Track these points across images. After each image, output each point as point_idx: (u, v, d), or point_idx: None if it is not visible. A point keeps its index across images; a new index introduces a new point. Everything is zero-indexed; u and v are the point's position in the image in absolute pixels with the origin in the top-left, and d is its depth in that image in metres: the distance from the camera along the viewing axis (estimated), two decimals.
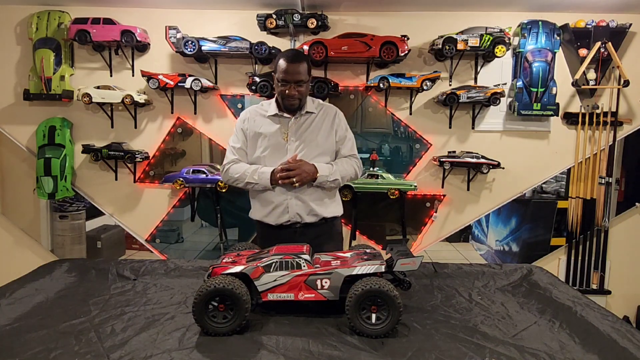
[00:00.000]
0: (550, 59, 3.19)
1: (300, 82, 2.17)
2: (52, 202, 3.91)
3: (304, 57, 2.24)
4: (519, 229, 4.48)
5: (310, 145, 2.25)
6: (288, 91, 2.16)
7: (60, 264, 2.15)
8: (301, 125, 2.27)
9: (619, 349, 1.37)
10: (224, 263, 1.61)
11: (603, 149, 3.41)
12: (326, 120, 2.31)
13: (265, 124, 2.28)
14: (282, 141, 2.24)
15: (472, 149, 3.33)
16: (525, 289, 1.94)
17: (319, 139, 2.27)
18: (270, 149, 2.24)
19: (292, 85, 2.16)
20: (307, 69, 2.21)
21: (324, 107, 2.36)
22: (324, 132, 2.29)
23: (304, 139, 2.25)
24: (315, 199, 2.24)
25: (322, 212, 2.26)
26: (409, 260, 1.57)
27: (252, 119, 2.31)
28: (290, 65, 2.14)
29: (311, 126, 2.28)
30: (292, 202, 2.21)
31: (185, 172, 3.28)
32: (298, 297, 1.53)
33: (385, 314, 1.44)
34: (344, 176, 2.27)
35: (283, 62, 2.15)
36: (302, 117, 2.28)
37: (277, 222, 2.24)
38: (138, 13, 3.31)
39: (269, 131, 2.26)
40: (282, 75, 2.16)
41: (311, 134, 2.27)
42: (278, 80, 2.19)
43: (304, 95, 2.23)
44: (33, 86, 3.30)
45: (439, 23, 3.25)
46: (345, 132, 2.36)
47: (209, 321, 1.45)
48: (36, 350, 1.37)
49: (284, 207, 2.22)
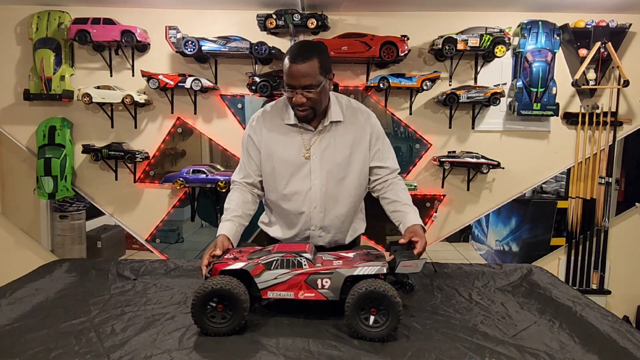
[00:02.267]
0: (550, 59, 3.19)
1: (310, 86, 1.67)
2: (52, 202, 3.91)
3: (314, 53, 1.69)
4: (519, 229, 4.49)
5: (342, 166, 1.83)
6: (294, 98, 1.70)
7: (60, 264, 2.15)
8: (325, 138, 1.82)
9: (619, 349, 1.37)
10: (225, 259, 1.61)
11: (603, 149, 3.41)
12: (357, 129, 1.85)
13: (282, 134, 1.83)
14: (303, 160, 1.81)
15: (472, 149, 3.34)
16: (525, 289, 1.93)
17: (353, 157, 1.84)
18: (290, 168, 1.82)
19: (299, 91, 1.69)
20: (319, 67, 1.67)
21: (352, 110, 1.88)
22: (357, 146, 1.84)
23: (330, 157, 1.81)
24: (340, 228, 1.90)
25: (345, 240, 1.95)
26: (411, 263, 1.55)
27: (264, 126, 1.86)
28: (295, 66, 1.66)
29: (339, 139, 1.83)
30: (316, 233, 1.88)
31: (185, 172, 3.28)
32: (298, 296, 1.53)
33: (384, 317, 1.42)
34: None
35: (286, 61, 1.68)
36: (327, 129, 1.82)
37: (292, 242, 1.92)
38: (138, 13, 3.31)
39: (287, 145, 1.82)
40: (286, 78, 1.70)
41: (340, 150, 1.82)
42: (284, 84, 1.74)
43: (317, 102, 1.72)
44: (33, 86, 3.29)
45: (439, 23, 3.25)
46: (384, 143, 1.90)
47: (208, 321, 1.45)
48: (36, 350, 1.36)
49: (304, 237, 1.90)
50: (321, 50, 1.75)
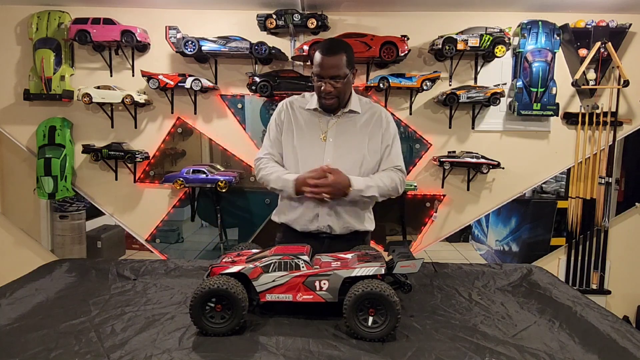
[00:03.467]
0: (550, 59, 3.19)
1: (337, 77, 1.94)
2: (52, 202, 3.92)
3: (342, 48, 1.98)
4: (519, 229, 4.49)
5: (351, 151, 2.03)
6: (323, 87, 1.94)
7: (60, 264, 2.15)
8: (343, 125, 2.05)
9: (618, 349, 1.37)
10: (223, 263, 1.61)
11: (603, 149, 3.40)
12: (373, 123, 2.07)
13: (304, 118, 2.08)
14: (321, 141, 2.03)
15: (472, 149, 3.33)
16: (525, 289, 1.94)
17: (362, 144, 2.04)
18: (306, 148, 2.04)
19: (328, 80, 1.94)
20: (345, 61, 1.95)
21: (372, 107, 2.12)
22: (368, 137, 2.06)
23: (344, 142, 2.03)
24: (351, 212, 2.04)
25: (356, 226, 2.07)
26: (409, 263, 1.56)
27: (290, 111, 2.10)
28: (325, 58, 1.92)
29: (354, 128, 2.05)
30: (324, 211, 2.02)
31: (185, 172, 3.28)
32: (296, 298, 1.53)
33: (382, 318, 1.42)
34: (382, 193, 2.02)
35: (318, 54, 1.94)
36: (344, 116, 2.06)
37: (305, 228, 2.07)
38: (138, 13, 3.31)
39: (307, 127, 2.06)
40: (317, 69, 1.95)
41: (354, 137, 2.04)
42: (313, 74, 1.98)
43: (342, 92, 1.99)
44: (33, 86, 3.30)
45: (439, 23, 3.25)
46: (393, 139, 2.10)
47: (207, 322, 1.45)
48: (36, 350, 1.37)
49: (314, 214, 2.03)
50: (348, 47, 2.04)
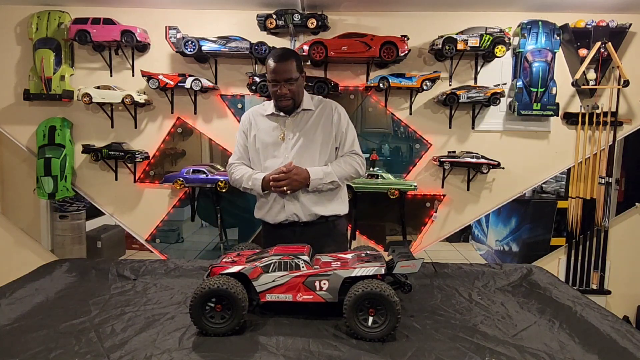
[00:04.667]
0: (550, 59, 3.19)
1: (290, 80, 2.15)
2: (52, 202, 3.92)
3: (292, 55, 2.21)
4: (519, 229, 4.49)
5: (308, 145, 2.23)
6: (279, 90, 2.15)
7: (60, 264, 2.15)
8: (298, 123, 2.26)
9: (619, 349, 1.37)
10: (223, 263, 1.61)
11: (603, 149, 3.40)
12: (325, 117, 2.29)
13: (264, 123, 2.29)
14: (280, 141, 2.24)
15: (472, 149, 3.33)
16: (525, 289, 1.94)
17: (317, 137, 2.25)
18: (268, 149, 2.26)
19: (282, 84, 2.15)
20: (296, 66, 2.18)
21: (323, 102, 2.34)
22: (322, 129, 2.26)
23: (301, 138, 2.24)
24: (311, 199, 2.23)
25: (320, 211, 2.24)
26: (409, 263, 1.56)
27: (252, 119, 2.33)
28: (278, 65, 2.13)
29: (308, 124, 2.26)
30: (289, 202, 2.22)
31: (185, 172, 3.28)
32: (296, 298, 1.53)
33: (382, 318, 1.42)
34: (342, 176, 2.23)
35: (271, 61, 2.15)
36: (299, 116, 2.27)
37: (275, 220, 2.26)
38: (138, 13, 3.31)
39: (267, 131, 2.27)
40: (271, 75, 2.16)
41: (309, 132, 2.25)
42: (269, 82, 2.19)
43: (296, 93, 2.20)
44: (33, 86, 3.29)
45: (439, 23, 3.25)
46: (346, 128, 2.31)
47: (207, 322, 1.45)
48: (36, 350, 1.37)
49: (280, 205, 2.24)
50: (296, 53, 2.32)
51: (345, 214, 2.38)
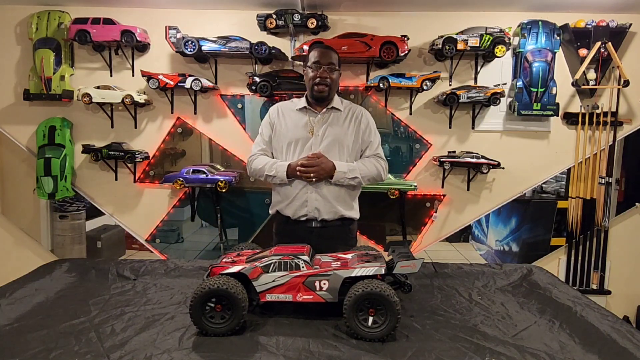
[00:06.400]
0: (550, 59, 3.19)
1: (332, 65, 2.25)
2: (52, 202, 3.92)
3: (335, 51, 2.35)
4: (519, 229, 4.49)
5: (335, 142, 2.29)
6: (320, 72, 2.23)
7: (60, 264, 2.15)
8: (327, 120, 2.32)
9: (619, 349, 1.37)
10: (223, 263, 1.61)
11: (603, 149, 3.40)
12: (354, 119, 2.36)
13: (293, 117, 2.35)
14: (308, 135, 2.29)
15: (472, 149, 3.33)
16: (525, 289, 1.94)
17: (344, 137, 2.31)
18: (296, 143, 2.30)
19: (324, 68, 2.23)
20: (338, 59, 2.31)
21: (352, 106, 2.42)
22: (350, 130, 2.33)
23: (329, 135, 2.29)
24: (336, 196, 2.27)
25: (342, 211, 2.29)
26: (409, 263, 1.56)
27: (280, 113, 2.39)
28: (324, 50, 2.27)
29: (337, 123, 2.33)
30: (312, 196, 2.25)
31: (185, 172, 3.28)
32: (296, 298, 1.53)
33: (382, 318, 1.42)
34: (364, 175, 2.28)
35: (317, 49, 2.29)
36: (328, 112, 2.33)
37: (295, 215, 2.28)
38: (138, 13, 3.31)
39: (296, 124, 2.32)
40: (315, 58, 2.25)
41: (337, 130, 2.31)
42: (309, 67, 2.27)
43: (334, 83, 2.28)
44: (33, 86, 3.29)
45: (439, 23, 3.25)
46: (372, 135, 2.39)
47: (207, 322, 1.45)
48: (36, 350, 1.37)
49: (304, 200, 2.26)
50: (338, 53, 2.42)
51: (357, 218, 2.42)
